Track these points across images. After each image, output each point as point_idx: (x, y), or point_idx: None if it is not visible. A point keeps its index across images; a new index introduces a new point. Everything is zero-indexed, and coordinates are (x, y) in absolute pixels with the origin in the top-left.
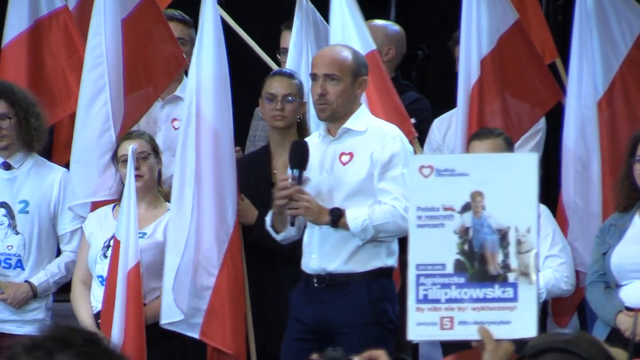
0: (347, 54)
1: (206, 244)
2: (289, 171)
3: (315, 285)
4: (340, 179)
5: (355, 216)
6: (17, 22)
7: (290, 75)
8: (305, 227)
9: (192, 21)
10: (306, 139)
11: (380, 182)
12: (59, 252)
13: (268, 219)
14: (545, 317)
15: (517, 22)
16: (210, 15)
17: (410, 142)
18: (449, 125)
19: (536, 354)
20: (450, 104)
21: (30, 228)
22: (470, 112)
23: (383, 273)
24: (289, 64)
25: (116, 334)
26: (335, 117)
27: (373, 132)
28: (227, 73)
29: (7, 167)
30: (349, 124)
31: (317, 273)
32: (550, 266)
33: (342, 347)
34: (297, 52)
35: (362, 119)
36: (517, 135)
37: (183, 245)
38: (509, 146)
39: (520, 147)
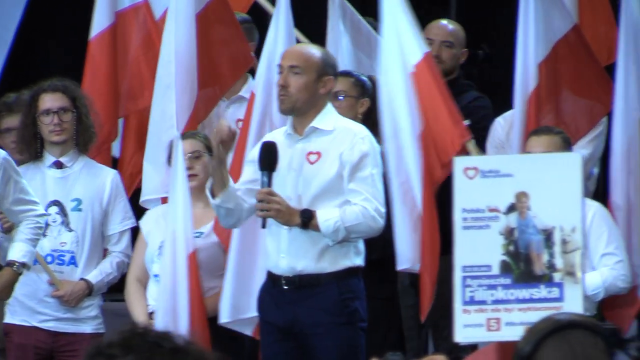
0: (315, 51)
1: None
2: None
3: (284, 287)
4: (308, 179)
5: (326, 217)
6: (103, 17)
7: (344, 74)
8: (241, 209)
9: (245, 18)
10: (270, 135)
11: (350, 182)
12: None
13: (208, 184)
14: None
15: (575, 27)
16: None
17: (465, 145)
18: (512, 123)
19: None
20: (512, 103)
21: (83, 225)
22: (528, 117)
23: (352, 272)
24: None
25: (183, 326)
26: (295, 111)
27: (341, 131)
28: None
29: (60, 165)
30: (316, 122)
31: (286, 274)
32: (606, 264)
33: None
34: (333, 50)
35: (330, 118)
36: (576, 135)
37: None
38: (567, 145)
39: (580, 139)
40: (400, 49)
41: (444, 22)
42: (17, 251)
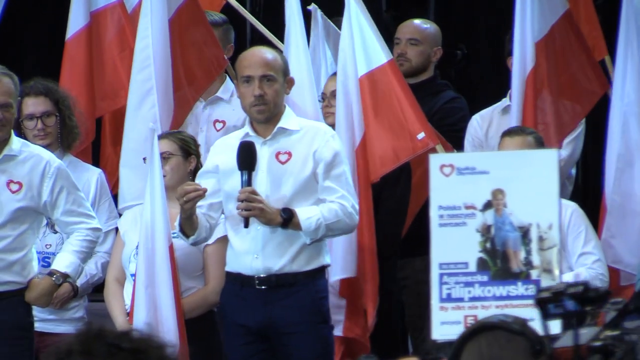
0: (275, 55)
1: None
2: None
3: (257, 287)
4: (283, 179)
5: (307, 216)
6: (79, 17)
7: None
8: (211, 228)
9: (224, 19)
10: (223, 139)
11: (325, 180)
12: None
13: (177, 224)
14: None
15: (566, 13)
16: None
17: (433, 149)
18: (490, 121)
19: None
20: (489, 103)
21: None
22: (526, 98)
23: (322, 271)
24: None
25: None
26: (271, 117)
27: (309, 130)
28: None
29: None
30: (282, 123)
31: (259, 274)
32: (584, 264)
33: (293, 346)
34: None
35: (292, 117)
36: (561, 134)
37: None
38: (540, 145)
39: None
40: (355, 55)
41: (416, 21)
42: (61, 261)
